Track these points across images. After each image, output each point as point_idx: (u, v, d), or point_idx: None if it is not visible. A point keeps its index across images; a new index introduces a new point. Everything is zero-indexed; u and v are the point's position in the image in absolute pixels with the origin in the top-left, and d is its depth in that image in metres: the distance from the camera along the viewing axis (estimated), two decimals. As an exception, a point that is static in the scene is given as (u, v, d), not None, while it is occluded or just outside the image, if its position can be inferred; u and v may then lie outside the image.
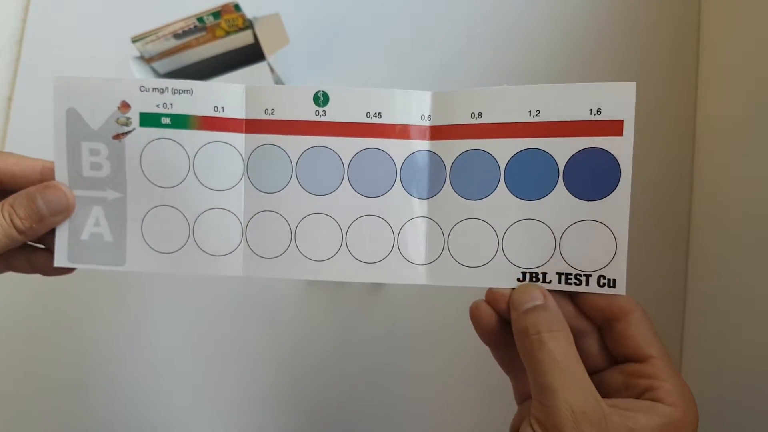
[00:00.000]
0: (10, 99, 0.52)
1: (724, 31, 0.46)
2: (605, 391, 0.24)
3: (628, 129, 0.25)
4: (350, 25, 0.52)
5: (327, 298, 0.48)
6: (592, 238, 0.26)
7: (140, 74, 0.41)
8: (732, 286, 0.41)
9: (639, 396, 0.23)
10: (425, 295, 0.48)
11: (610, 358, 0.26)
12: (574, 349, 0.23)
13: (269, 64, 0.43)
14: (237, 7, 0.40)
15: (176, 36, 0.41)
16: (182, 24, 0.40)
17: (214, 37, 0.43)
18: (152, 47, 0.41)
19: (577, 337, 0.25)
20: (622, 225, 0.26)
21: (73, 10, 0.53)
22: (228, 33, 0.43)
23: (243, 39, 0.44)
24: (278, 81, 0.45)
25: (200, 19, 0.40)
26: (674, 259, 0.47)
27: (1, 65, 0.53)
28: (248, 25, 0.42)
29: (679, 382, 0.23)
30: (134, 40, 0.40)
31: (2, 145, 0.51)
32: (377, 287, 0.47)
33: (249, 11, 0.41)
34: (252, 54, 0.45)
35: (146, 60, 0.42)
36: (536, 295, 0.24)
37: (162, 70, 0.44)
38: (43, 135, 0.51)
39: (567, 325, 0.24)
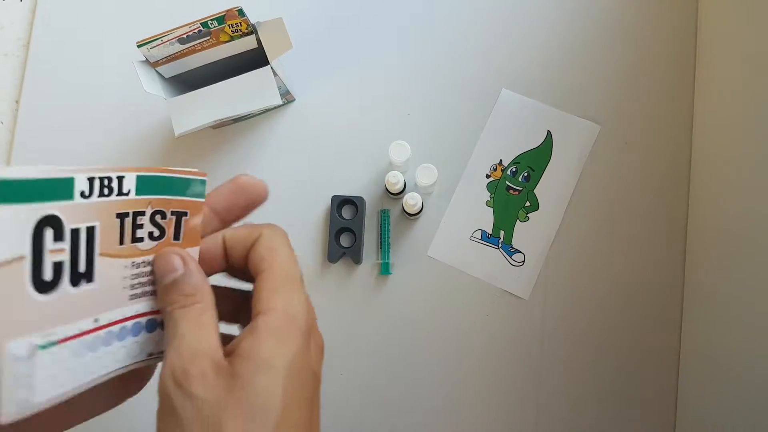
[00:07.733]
0: (17, 101, 0.53)
1: (721, 32, 0.46)
2: None
3: None
4: (353, 30, 0.52)
5: (330, 297, 0.48)
6: None
7: (145, 78, 0.42)
8: (729, 286, 0.41)
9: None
10: (428, 293, 0.48)
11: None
12: (207, 316, 0.23)
13: (272, 69, 0.43)
14: (241, 12, 0.40)
15: (181, 40, 0.41)
16: (187, 29, 0.40)
17: (219, 42, 0.43)
18: (157, 51, 0.41)
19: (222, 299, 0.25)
20: None
21: (80, 14, 0.53)
22: (232, 37, 0.43)
23: (247, 43, 0.44)
24: (281, 85, 0.46)
25: (205, 24, 0.41)
26: (671, 260, 0.48)
27: (8, 68, 0.54)
28: (252, 29, 0.42)
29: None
30: (139, 45, 0.40)
31: (10, 147, 0.52)
32: (381, 285, 0.48)
33: (253, 16, 0.42)
34: (256, 58, 0.45)
35: (151, 64, 0.43)
36: (177, 264, 0.23)
37: (167, 74, 0.45)
38: (50, 136, 0.52)
39: (205, 290, 0.23)
